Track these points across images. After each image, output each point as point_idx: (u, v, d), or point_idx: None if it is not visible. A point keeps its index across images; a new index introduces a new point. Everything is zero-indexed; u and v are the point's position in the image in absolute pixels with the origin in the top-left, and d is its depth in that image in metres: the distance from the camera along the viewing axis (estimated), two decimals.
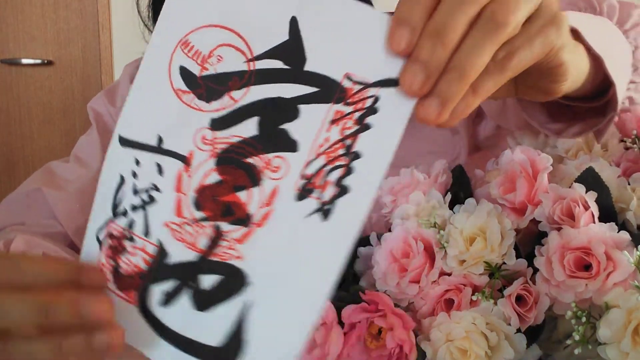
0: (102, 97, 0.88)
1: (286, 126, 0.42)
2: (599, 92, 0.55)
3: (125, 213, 0.47)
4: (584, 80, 0.50)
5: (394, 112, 0.39)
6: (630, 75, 0.59)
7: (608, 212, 0.58)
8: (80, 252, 0.77)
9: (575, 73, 0.46)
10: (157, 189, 0.45)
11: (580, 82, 0.50)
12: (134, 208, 0.47)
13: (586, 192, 0.57)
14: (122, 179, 0.47)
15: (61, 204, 0.77)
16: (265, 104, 0.42)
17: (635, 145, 0.66)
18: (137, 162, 0.46)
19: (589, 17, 0.57)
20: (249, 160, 0.43)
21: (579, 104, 0.56)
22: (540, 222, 0.59)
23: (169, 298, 0.45)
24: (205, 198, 0.44)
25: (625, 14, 0.60)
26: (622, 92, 0.54)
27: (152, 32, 0.91)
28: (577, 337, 0.53)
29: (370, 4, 0.57)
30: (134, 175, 0.46)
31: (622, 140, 0.67)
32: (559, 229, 0.56)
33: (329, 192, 0.41)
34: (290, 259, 0.42)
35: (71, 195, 0.78)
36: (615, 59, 0.52)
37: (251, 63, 0.42)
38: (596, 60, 0.50)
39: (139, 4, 0.89)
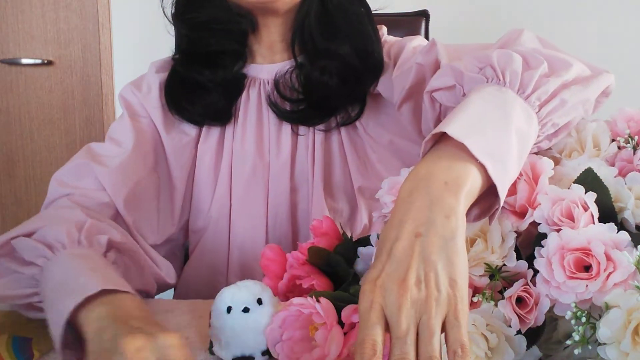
0: (130, 86, 0.97)
1: None
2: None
3: None
4: (480, 189, 0.56)
5: None
6: (536, 135, 0.64)
7: (608, 213, 0.58)
8: (127, 222, 0.85)
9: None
10: None
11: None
12: None
13: (585, 192, 0.57)
14: None
15: (107, 178, 0.86)
16: None
17: (628, 145, 0.66)
18: None
19: (485, 109, 0.62)
20: None
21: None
22: (540, 223, 0.59)
23: None
24: None
25: (527, 78, 0.65)
26: (519, 164, 0.60)
27: (174, 27, 0.94)
28: (577, 338, 0.53)
29: None
30: None
31: (613, 140, 0.68)
32: (558, 231, 0.56)
33: None
34: None
35: (113, 170, 0.87)
36: (511, 144, 0.58)
37: None
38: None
39: (163, 0, 0.96)
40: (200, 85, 0.93)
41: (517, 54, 0.67)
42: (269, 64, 0.96)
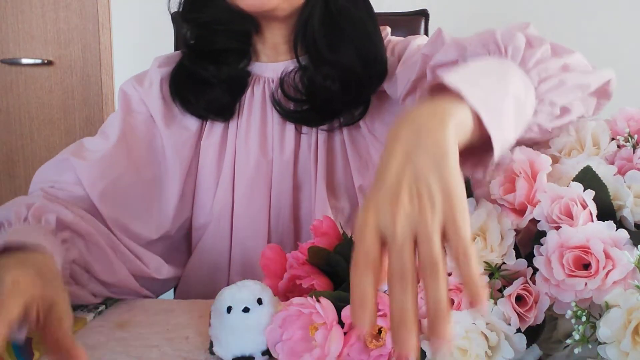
0: (132, 80, 0.98)
1: None
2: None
3: None
4: (471, 132, 0.55)
5: None
6: (533, 109, 0.63)
7: (607, 211, 0.58)
8: (104, 216, 0.84)
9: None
10: None
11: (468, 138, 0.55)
12: None
13: (584, 190, 0.58)
14: None
15: (85, 172, 0.87)
16: None
17: (628, 143, 0.66)
18: None
19: (484, 69, 0.62)
20: None
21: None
22: (539, 221, 0.59)
23: None
24: None
25: (529, 55, 0.65)
26: (515, 129, 0.59)
27: (174, 24, 0.94)
28: (577, 337, 0.53)
29: None
30: None
31: (613, 139, 0.68)
32: (557, 229, 0.56)
33: None
34: None
35: (92, 164, 0.88)
36: (506, 103, 0.58)
37: None
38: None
39: None
40: (205, 81, 0.94)
41: (520, 34, 0.67)
42: (273, 62, 0.96)
